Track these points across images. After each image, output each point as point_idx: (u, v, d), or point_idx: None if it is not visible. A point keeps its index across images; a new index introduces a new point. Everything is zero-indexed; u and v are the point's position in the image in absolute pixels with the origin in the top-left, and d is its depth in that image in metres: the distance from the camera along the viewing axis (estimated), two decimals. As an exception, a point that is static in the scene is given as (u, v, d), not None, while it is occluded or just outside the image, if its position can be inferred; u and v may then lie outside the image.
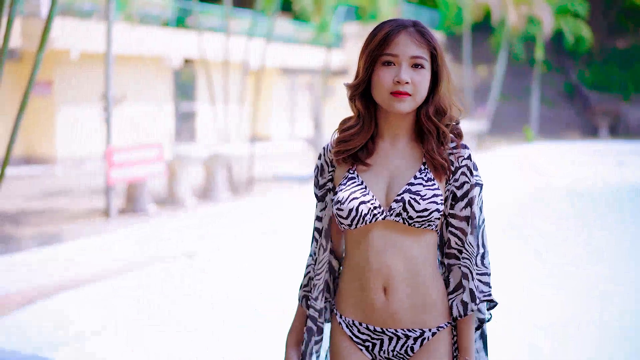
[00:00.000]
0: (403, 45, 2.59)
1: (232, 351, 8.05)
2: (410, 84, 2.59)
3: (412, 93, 2.60)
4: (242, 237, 13.78)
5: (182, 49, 24.25)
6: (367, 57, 2.65)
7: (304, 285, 2.74)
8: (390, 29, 2.62)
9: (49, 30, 7.46)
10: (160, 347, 8.14)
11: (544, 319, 8.89)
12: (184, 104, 26.49)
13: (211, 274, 11.63)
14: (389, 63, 2.61)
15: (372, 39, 2.65)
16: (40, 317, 8.99)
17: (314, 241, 2.79)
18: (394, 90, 2.59)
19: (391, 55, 2.60)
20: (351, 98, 2.72)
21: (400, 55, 2.59)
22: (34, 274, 10.29)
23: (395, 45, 2.60)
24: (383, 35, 2.61)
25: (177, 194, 15.43)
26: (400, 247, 2.66)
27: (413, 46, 2.60)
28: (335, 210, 2.63)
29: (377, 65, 2.63)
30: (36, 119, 21.18)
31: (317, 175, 2.74)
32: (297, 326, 2.72)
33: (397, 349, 2.74)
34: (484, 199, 2.85)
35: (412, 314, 2.70)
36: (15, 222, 13.01)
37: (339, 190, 2.65)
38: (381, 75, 2.62)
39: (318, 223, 2.77)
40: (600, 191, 20.87)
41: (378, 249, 2.66)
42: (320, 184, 2.73)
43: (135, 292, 10.35)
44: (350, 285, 2.74)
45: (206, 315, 9.54)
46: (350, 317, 2.74)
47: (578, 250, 12.94)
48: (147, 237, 12.65)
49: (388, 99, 2.61)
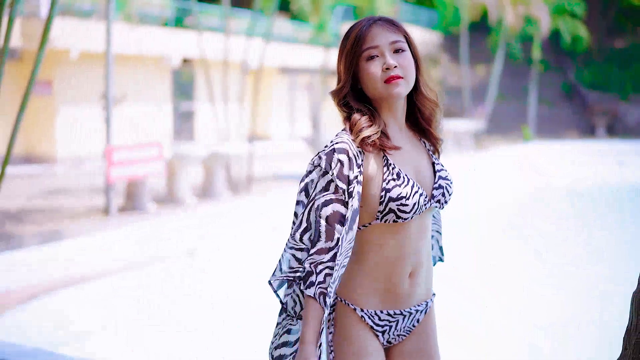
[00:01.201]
0: (379, 35, 2.68)
1: (232, 351, 8.08)
2: (398, 67, 2.67)
3: (404, 75, 2.68)
4: (242, 236, 13.81)
5: (181, 48, 24.27)
6: (347, 59, 2.71)
7: (319, 282, 2.62)
8: (361, 26, 2.70)
9: (49, 30, 7.45)
10: (160, 346, 8.17)
11: (544, 319, 8.89)
12: (182, 104, 26.51)
13: (211, 273, 11.66)
14: (372, 57, 2.67)
15: (346, 41, 2.72)
16: (40, 316, 9.02)
17: (330, 235, 2.64)
18: (387, 77, 2.66)
19: (372, 47, 2.67)
20: (340, 103, 2.75)
21: (381, 45, 2.67)
22: (34, 272, 10.32)
23: (372, 38, 2.67)
24: (357, 33, 2.69)
25: (177, 192, 15.45)
26: (426, 230, 2.79)
27: (389, 33, 2.69)
28: (396, 206, 2.64)
29: (360, 63, 2.70)
30: (36, 118, 21.19)
31: (343, 171, 2.63)
32: (317, 325, 2.64)
33: (408, 324, 2.83)
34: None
35: (425, 289, 2.85)
36: (17, 220, 13.04)
37: (394, 185, 2.65)
38: (369, 69, 2.68)
39: (341, 217, 2.64)
40: (599, 191, 20.90)
41: (413, 237, 2.73)
42: (350, 178, 2.63)
43: (135, 291, 10.38)
44: (373, 278, 2.75)
45: (206, 315, 9.56)
46: (372, 308, 2.76)
47: (578, 250, 12.95)
48: (147, 236, 12.67)
49: (383, 87, 2.68)
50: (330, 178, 2.63)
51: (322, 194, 2.64)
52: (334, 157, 2.62)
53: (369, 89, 2.71)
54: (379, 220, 2.68)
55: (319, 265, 2.64)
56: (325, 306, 2.59)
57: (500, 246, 13.56)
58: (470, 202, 19.04)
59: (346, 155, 2.62)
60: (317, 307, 2.61)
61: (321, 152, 2.67)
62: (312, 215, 2.69)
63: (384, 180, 2.66)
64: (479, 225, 15.76)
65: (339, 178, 2.62)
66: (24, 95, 7.00)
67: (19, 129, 6.95)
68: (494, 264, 12.13)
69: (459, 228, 15.38)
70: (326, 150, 2.65)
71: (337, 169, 2.61)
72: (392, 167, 2.69)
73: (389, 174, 2.67)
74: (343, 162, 2.62)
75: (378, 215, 2.67)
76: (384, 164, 2.69)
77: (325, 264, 2.63)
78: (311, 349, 2.60)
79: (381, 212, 2.66)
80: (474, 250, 13.19)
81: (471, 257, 12.57)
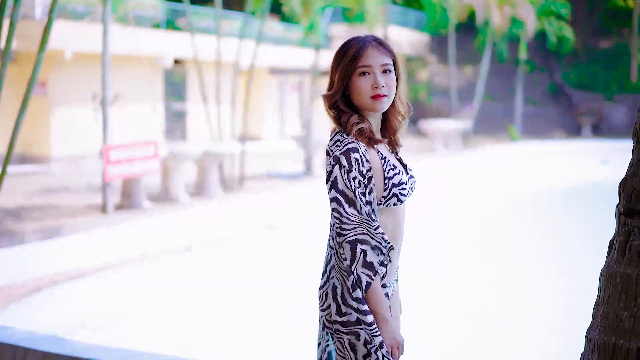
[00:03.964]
0: (373, 57, 3.17)
1: (231, 347, 8.34)
2: (385, 87, 3.17)
3: (387, 94, 3.19)
4: (236, 232, 14.11)
5: (172, 49, 24.51)
6: (342, 70, 3.19)
7: (382, 276, 3.14)
8: (359, 46, 3.19)
9: (49, 31, 7.75)
10: (157, 340, 8.40)
11: (544, 319, 9.08)
12: (174, 104, 26.77)
13: (207, 268, 11.96)
14: (364, 73, 3.17)
15: (343, 55, 3.20)
16: (44, 308, 9.28)
17: (370, 227, 3.09)
18: (373, 94, 3.16)
19: (366, 66, 3.16)
20: (331, 106, 3.23)
21: (373, 65, 3.17)
22: (37, 267, 10.55)
23: (366, 58, 3.17)
24: (354, 52, 3.18)
25: (171, 190, 15.73)
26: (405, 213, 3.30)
27: (381, 56, 3.19)
28: (398, 190, 3.17)
29: (353, 77, 3.18)
30: (31, 118, 21.37)
31: (357, 168, 3.10)
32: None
33: (392, 295, 3.31)
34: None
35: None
36: (16, 217, 13.27)
37: (393, 174, 3.18)
38: (360, 84, 3.17)
39: (370, 207, 3.12)
40: (584, 189, 21.14)
41: (402, 219, 3.28)
42: (364, 173, 3.11)
43: (134, 284, 10.67)
44: None
45: (202, 309, 9.85)
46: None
47: (578, 248, 13.14)
48: (144, 232, 12.94)
49: (370, 102, 3.18)
50: (354, 175, 3.08)
51: (356, 189, 3.08)
52: (351, 156, 3.09)
53: (356, 99, 3.21)
54: (382, 205, 3.17)
55: (377, 256, 3.13)
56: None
57: (493, 246, 13.76)
58: (459, 202, 19.35)
59: (359, 153, 3.11)
60: (385, 299, 3.19)
61: (336, 151, 3.11)
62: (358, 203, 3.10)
63: (384, 171, 3.16)
64: (470, 225, 15.99)
65: (360, 173, 3.09)
66: (24, 96, 7.29)
67: (19, 129, 7.26)
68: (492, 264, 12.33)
69: (449, 228, 15.70)
70: (342, 150, 3.10)
71: (356, 167, 3.09)
72: (387, 159, 3.20)
73: (386, 165, 3.18)
74: (358, 159, 3.10)
75: (382, 200, 3.16)
76: (380, 157, 3.19)
77: (383, 256, 3.13)
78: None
79: (385, 197, 3.15)
80: (468, 250, 13.44)
81: (464, 257, 12.84)
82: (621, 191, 3.07)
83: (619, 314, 2.93)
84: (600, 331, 2.99)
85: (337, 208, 3.07)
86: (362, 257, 3.03)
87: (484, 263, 12.29)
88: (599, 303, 3.10)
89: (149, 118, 24.66)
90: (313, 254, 6.24)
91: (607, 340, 2.94)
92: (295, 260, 12.19)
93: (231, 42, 23.07)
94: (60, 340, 5.85)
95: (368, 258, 3.04)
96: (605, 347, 2.94)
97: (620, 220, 3.07)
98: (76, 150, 22.14)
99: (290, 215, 15.92)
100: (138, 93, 24.38)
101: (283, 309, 9.59)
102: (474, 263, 12.31)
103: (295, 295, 9.99)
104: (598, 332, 3.00)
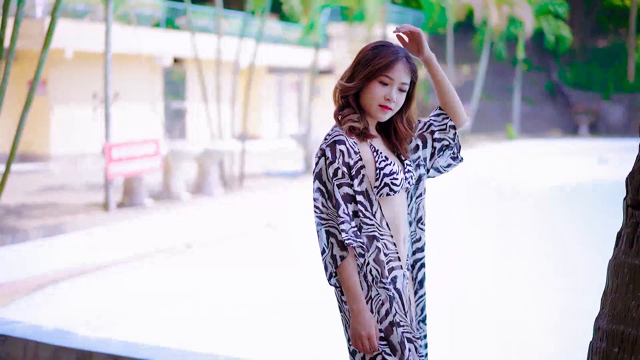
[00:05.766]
0: (399, 72, 3.34)
1: (230, 343, 8.38)
2: (394, 102, 3.33)
3: (393, 108, 3.35)
4: (237, 230, 14.15)
5: (172, 48, 24.56)
6: (368, 71, 3.33)
7: (360, 267, 3.32)
8: (393, 57, 3.34)
9: (52, 31, 7.82)
10: (158, 337, 8.43)
11: (543, 319, 9.10)
12: (174, 102, 26.82)
13: (208, 265, 12.00)
14: (385, 83, 3.32)
15: (375, 58, 3.34)
16: (47, 305, 9.30)
17: (336, 222, 3.29)
18: (382, 104, 3.32)
19: (389, 78, 3.32)
20: (344, 96, 3.38)
21: (395, 80, 3.33)
22: (40, 264, 10.58)
23: (394, 72, 3.33)
24: (387, 62, 3.32)
25: (172, 188, 15.79)
26: (405, 207, 3.47)
27: (405, 75, 3.36)
28: (390, 180, 3.31)
29: (374, 80, 3.32)
30: (31, 117, 21.42)
31: (344, 159, 3.27)
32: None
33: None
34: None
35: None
36: (18, 215, 13.31)
37: (384, 165, 3.32)
38: (376, 90, 3.32)
39: (349, 197, 3.29)
40: (581, 187, 21.21)
41: (401, 210, 3.42)
42: (351, 165, 3.27)
43: (137, 282, 10.71)
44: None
45: (204, 306, 9.90)
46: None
47: (577, 248, 13.17)
48: (146, 230, 12.98)
49: (376, 109, 3.33)
50: (337, 166, 3.25)
51: (333, 179, 3.26)
52: (336, 148, 3.27)
53: (366, 100, 3.36)
54: (376, 194, 3.31)
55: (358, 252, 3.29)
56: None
57: (488, 246, 13.81)
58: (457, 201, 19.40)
59: (344, 145, 3.27)
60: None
61: (323, 144, 3.31)
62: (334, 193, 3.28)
63: (376, 162, 3.32)
64: (468, 224, 16.05)
65: (344, 165, 3.26)
66: (27, 95, 7.35)
67: (23, 127, 7.32)
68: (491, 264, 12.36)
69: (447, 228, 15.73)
70: (328, 142, 3.30)
71: (341, 158, 3.26)
72: (380, 152, 3.36)
73: (379, 157, 3.34)
74: (343, 151, 3.27)
75: (375, 190, 3.30)
76: (373, 151, 3.35)
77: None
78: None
79: (377, 187, 3.30)
80: (467, 250, 13.47)
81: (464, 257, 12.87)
82: (628, 184, 3.13)
83: (627, 303, 3.00)
84: (608, 320, 3.06)
85: (319, 198, 3.28)
86: (331, 249, 3.26)
87: (483, 263, 12.31)
88: (607, 293, 3.16)
89: (148, 117, 24.70)
90: (313, 253, 6.33)
91: (615, 329, 3.01)
92: (295, 259, 12.23)
93: (231, 41, 23.14)
94: (71, 334, 5.90)
95: (334, 251, 3.25)
96: (613, 335, 3.01)
97: (627, 212, 3.14)
98: (76, 149, 22.19)
99: (290, 214, 15.96)
100: (137, 92, 24.43)
101: (283, 309, 9.62)
102: (473, 263, 12.34)
103: (295, 295, 10.05)
104: (606, 321, 3.07)
